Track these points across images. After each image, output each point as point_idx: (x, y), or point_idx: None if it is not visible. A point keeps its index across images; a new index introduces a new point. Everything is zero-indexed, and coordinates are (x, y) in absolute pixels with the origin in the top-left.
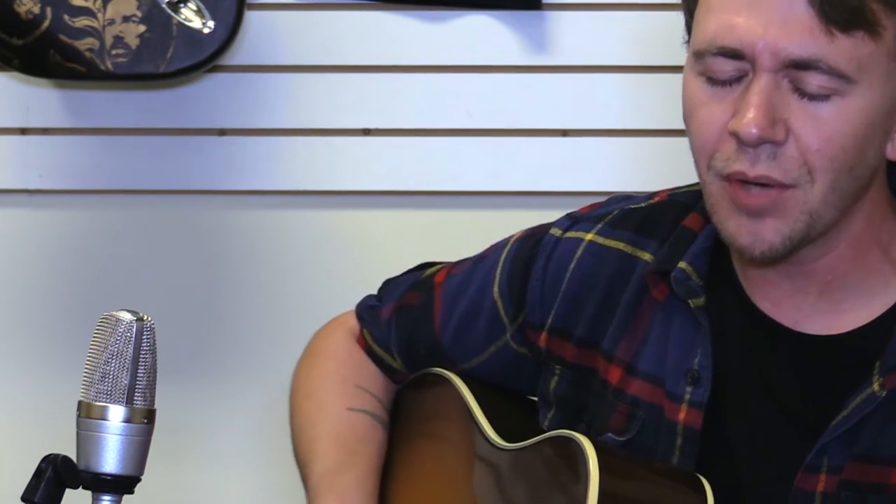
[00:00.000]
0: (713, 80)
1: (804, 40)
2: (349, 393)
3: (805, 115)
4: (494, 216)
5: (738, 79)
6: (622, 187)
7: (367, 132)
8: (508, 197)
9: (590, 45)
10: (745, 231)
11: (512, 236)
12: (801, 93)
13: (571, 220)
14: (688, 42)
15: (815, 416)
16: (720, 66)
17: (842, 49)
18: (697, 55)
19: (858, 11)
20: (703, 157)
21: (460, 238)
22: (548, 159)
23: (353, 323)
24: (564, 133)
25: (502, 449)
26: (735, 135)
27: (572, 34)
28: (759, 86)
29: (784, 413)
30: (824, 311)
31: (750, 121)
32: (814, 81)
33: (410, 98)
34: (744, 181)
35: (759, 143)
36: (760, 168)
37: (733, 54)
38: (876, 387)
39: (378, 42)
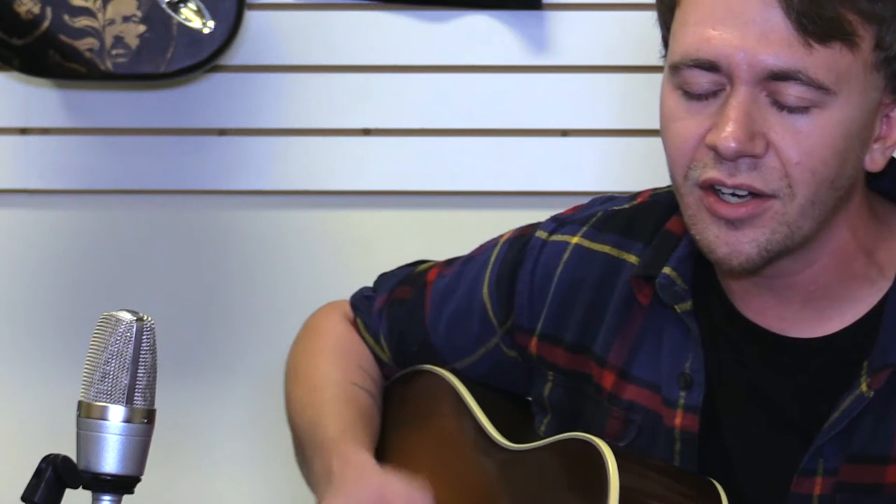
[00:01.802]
0: (689, 95)
1: (782, 52)
2: (352, 370)
3: (784, 129)
4: (494, 216)
5: (714, 93)
6: (622, 187)
7: (367, 132)
8: (508, 197)
9: (590, 45)
10: (722, 242)
11: (501, 236)
12: (780, 105)
13: (557, 223)
14: (664, 56)
15: (807, 419)
16: (696, 78)
17: (820, 60)
18: (673, 68)
19: (835, 22)
20: (679, 169)
21: (460, 238)
22: (548, 159)
23: (348, 309)
24: (564, 133)
25: (510, 450)
26: (713, 148)
27: (572, 34)
28: (738, 99)
29: (777, 417)
30: (809, 318)
31: (728, 135)
32: (793, 93)
33: (410, 98)
34: (721, 189)
35: (737, 156)
36: (741, 178)
37: (710, 67)
38: (864, 387)
39: (378, 42)
